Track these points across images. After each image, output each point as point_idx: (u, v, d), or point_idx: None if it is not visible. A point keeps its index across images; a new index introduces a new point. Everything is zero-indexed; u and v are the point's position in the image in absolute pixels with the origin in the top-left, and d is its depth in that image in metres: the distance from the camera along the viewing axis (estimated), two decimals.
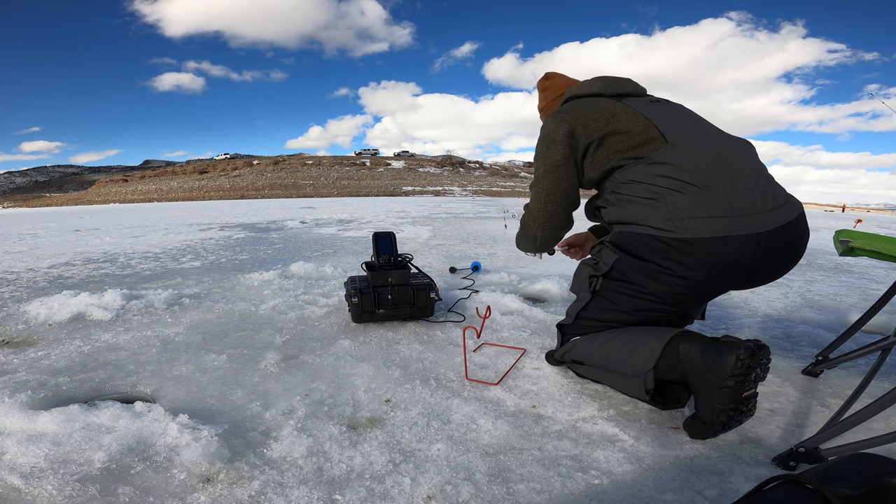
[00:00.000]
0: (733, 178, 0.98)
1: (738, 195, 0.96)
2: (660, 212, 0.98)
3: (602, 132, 1.08)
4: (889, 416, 1.01)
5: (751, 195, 0.97)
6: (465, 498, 0.77)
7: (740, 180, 0.98)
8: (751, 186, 0.98)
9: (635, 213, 1.02)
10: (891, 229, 8.37)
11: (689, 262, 0.96)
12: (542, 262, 3.12)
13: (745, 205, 0.96)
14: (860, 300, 2.22)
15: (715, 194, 0.96)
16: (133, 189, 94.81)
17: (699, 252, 0.95)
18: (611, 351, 1.07)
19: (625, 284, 1.07)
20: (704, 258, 0.95)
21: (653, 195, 1.00)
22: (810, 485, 0.43)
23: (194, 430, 0.92)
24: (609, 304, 1.10)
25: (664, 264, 0.98)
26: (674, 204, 0.97)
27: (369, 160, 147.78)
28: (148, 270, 2.89)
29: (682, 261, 0.96)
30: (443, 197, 38.92)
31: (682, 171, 0.98)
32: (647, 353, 0.98)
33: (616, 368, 1.05)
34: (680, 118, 1.10)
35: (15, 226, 7.86)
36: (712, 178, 0.97)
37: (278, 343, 1.50)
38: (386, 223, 6.74)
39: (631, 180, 1.04)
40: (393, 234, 1.78)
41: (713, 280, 0.99)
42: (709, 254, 0.94)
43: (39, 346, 1.47)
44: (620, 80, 1.20)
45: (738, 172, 0.99)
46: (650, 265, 1.01)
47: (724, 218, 0.94)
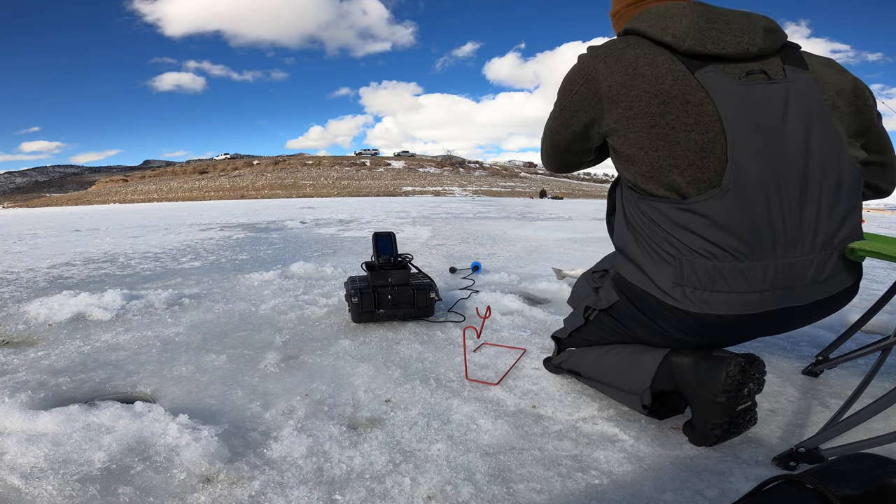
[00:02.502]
0: (795, 237, 0.77)
1: (787, 264, 0.77)
2: (670, 272, 0.82)
3: (632, 128, 0.80)
4: (889, 416, 1.01)
5: (806, 263, 0.78)
6: (465, 498, 0.77)
7: (801, 241, 0.77)
8: (808, 250, 0.78)
9: (643, 262, 0.86)
10: (891, 229, 8.36)
11: (690, 332, 0.86)
12: (542, 262, 3.12)
13: (790, 276, 0.78)
14: (860, 300, 2.21)
15: (753, 264, 0.76)
16: (133, 189, 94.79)
17: (704, 326, 0.82)
18: (605, 366, 1.03)
19: (620, 325, 0.99)
20: (710, 333, 0.84)
21: (671, 251, 0.81)
22: (810, 485, 0.43)
23: (194, 430, 0.92)
24: (602, 334, 1.05)
25: (664, 327, 0.88)
26: (690, 269, 0.79)
27: (369, 160, 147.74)
28: (148, 270, 2.89)
29: (683, 329, 0.86)
30: (443, 197, 38.94)
31: (722, 231, 0.76)
32: (642, 371, 0.95)
33: (612, 383, 1.02)
34: (773, 120, 0.76)
35: (15, 226, 7.86)
36: (763, 241, 0.76)
37: (278, 343, 1.50)
38: (386, 223, 6.74)
39: (651, 218, 0.83)
40: (393, 234, 1.78)
41: (719, 345, 0.91)
42: (716, 329, 0.83)
43: (39, 346, 1.47)
44: (722, 20, 0.79)
45: (804, 229, 0.77)
46: (649, 321, 0.90)
47: (748, 294, 0.77)
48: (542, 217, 8.61)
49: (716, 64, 0.77)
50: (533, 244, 4.22)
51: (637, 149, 0.81)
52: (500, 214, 9.25)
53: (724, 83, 0.76)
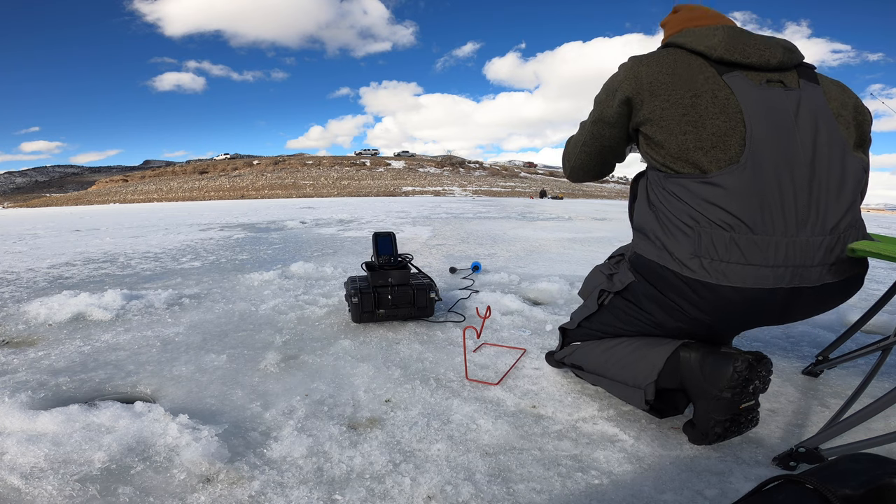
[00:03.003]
0: (805, 217, 0.82)
1: (799, 242, 0.82)
2: (688, 244, 0.86)
3: (665, 117, 0.88)
4: (889, 416, 1.01)
5: (816, 243, 0.82)
6: (465, 498, 0.77)
7: (811, 222, 0.83)
8: (818, 232, 0.83)
9: (661, 235, 0.90)
10: (891, 229, 8.36)
11: (706, 308, 0.88)
12: (542, 262, 3.12)
13: (801, 254, 0.82)
14: (860, 300, 2.21)
15: (767, 238, 0.81)
16: (133, 189, 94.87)
17: (719, 300, 0.85)
18: (610, 360, 1.05)
19: (635, 308, 1.01)
20: (725, 307, 0.86)
21: (690, 223, 0.85)
22: (810, 485, 0.43)
23: (194, 430, 0.92)
24: (615, 320, 1.06)
25: (679, 303, 0.90)
26: (708, 240, 0.84)
27: (369, 160, 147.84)
28: (148, 270, 2.89)
29: (699, 305, 0.88)
30: (443, 197, 38.94)
31: (739, 201, 0.82)
32: (648, 365, 0.96)
33: (615, 377, 1.03)
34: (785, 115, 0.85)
35: (15, 226, 7.86)
36: (775, 217, 0.82)
37: (278, 343, 1.50)
38: (386, 223, 6.75)
39: (674, 193, 0.88)
40: (393, 234, 1.78)
41: (731, 327, 0.94)
42: (730, 303, 0.85)
43: (39, 346, 1.47)
44: (748, 38, 0.90)
45: (813, 211, 0.83)
46: (665, 298, 0.92)
47: (763, 267, 0.81)
48: (542, 217, 8.61)
49: (741, 70, 0.88)
50: (533, 244, 4.22)
51: (668, 134, 0.89)
52: (500, 214, 9.25)
53: (746, 85, 0.87)
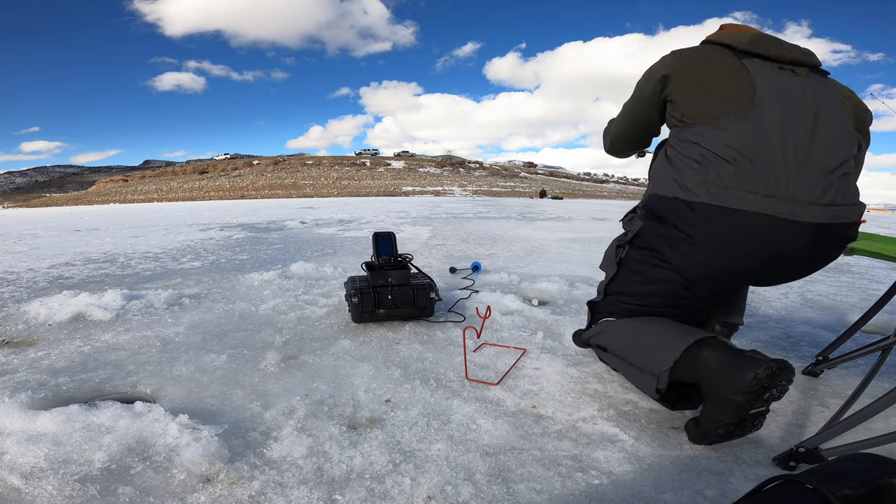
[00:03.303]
0: (802, 162, 0.88)
1: (796, 179, 0.87)
2: (696, 175, 0.92)
3: (691, 83, 1.00)
4: (889, 416, 1.01)
5: (812, 183, 0.88)
6: (465, 498, 0.77)
7: (809, 166, 0.88)
8: (815, 176, 0.88)
9: (673, 173, 0.97)
10: (891, 229, 8.36)
11: (709, 232, 0.92)
12: (542, 262, 3.12)
13: (798, 190, 0.87)
14: (860, 300, 2.22)
15: (767, 172, 0.88)
16: (133, 189, 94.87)
17: (722, 223, 0.90)
18: (632, 344, 1.06)
19: (647, 253, 1.07)
20: (726, 231, 0.90)
21: (700, 159, 0.93)
22: (810, 485, 0.43)
23: (194, 430, 0.92)
24: (633, 276, 1.11)
25: (684, 230, 0.95)
26: (714, 171, 0.90)
27: (369, 160, 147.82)
28: (148, 270, 2.89)
29: (703, 229, 0.92)
30: (443, 197, 38.94)
31: (745, 141, 0.89)
32: (667, 353, 0.96)
33: (633, 362, 1.04)
34: (792, 89, 0.94)
35: (15, 226, 7.86)
36: (775, 157, 0.88)
37: (278, 343, 1.50)
38: (386, 223, 6.75)
39: (689, 140, 0.96)
40: (393, 234, 1.78)
41: (729, 258, 0.93)
42: (731, 227, 0.89)
43: (39, 346, 1.47)
44: (771, 39, 1.02)
45: (811, 159, 0.89)
46: (671, 230, 0.98)
47: (764, 196, 0.87)
48: (542, 217, 8.61)
49: (759, 59, 0.99)
50: (533, 244, 4.22)
51: (689, 98, 1.00)
52: (500, 214, 9.25)
53: (760, 66, 0.98)
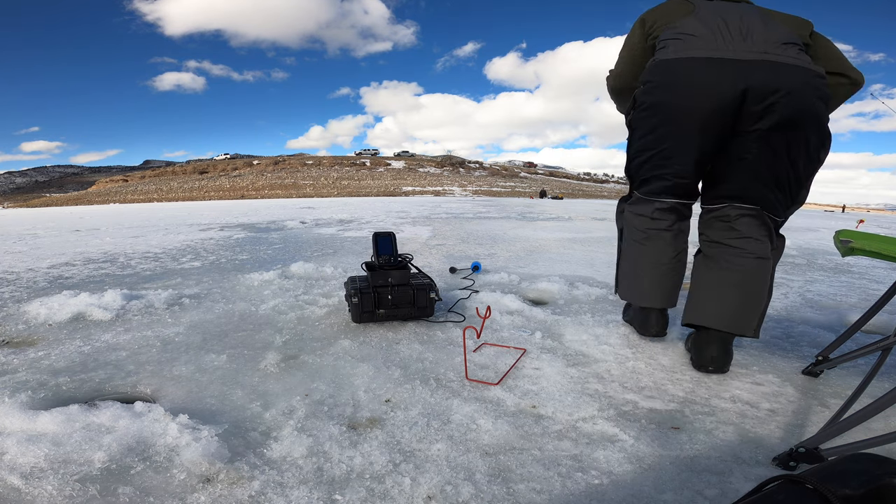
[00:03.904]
0: (738, 36, 1.18)
1: (735, 43, 1.17)
2: (664, 52, 1.27)
3: (660, 17, 1.36)
4: (889, 416, 1.01)
5: (748, 43, 1.16)
6: (465, 498, 0.77)
7: (745, 39, 1.17)
8: (750, 42, 1.17)
9: (657, 56, 1.30)
10: (891, 229, 8.36)
11: (672, 73, 1.23)
12: (542, 262, 3.12)
13: (738, 49, 1.16)
14: (860, 300, 2.22)
15: (709, 40, 1.20)
16: (133, 189, 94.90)
17: (678, 66, 1.22)
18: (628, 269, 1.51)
19: (642, 108, 1.32)
20: (675, 70, 1.23)
21: (665, 44, 1.28)
22: (810, 485, 0.43)
23: (194, 430, 0.92)
24: (638, 131, 1.36)
25: (657, 78, 1.26)
26: (674, 47, 1.25)
27: (369, 160, 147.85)
28: (148, 270, 2.89)
29: (668, 73, 1.24)
30: (443, 197, 38.94)
31: (691, 28, 1.25)
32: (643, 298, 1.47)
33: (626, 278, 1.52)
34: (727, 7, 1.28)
35: (15, 226, 7.86)
36: (715, 34, 1.21)
37: (278, 343, 1.50)
38: (386, 223, 6.75)
39: (660, 39, 1.31)
40: (393, 234, 1.78)
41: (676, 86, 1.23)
42: (684, 67, 1.21)
43: (39, 346, 1.47)
44: None
45: (746, 36, 1.18)
46: (650, 84, 1.28)
47: (711, 49, 1.19)
48: (542, 217, 8.61)
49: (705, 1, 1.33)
50: (533, 244, 4.22)
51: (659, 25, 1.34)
52: (500, 214, 9.25)
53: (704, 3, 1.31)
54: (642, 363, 1.36)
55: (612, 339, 1.56)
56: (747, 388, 1.20)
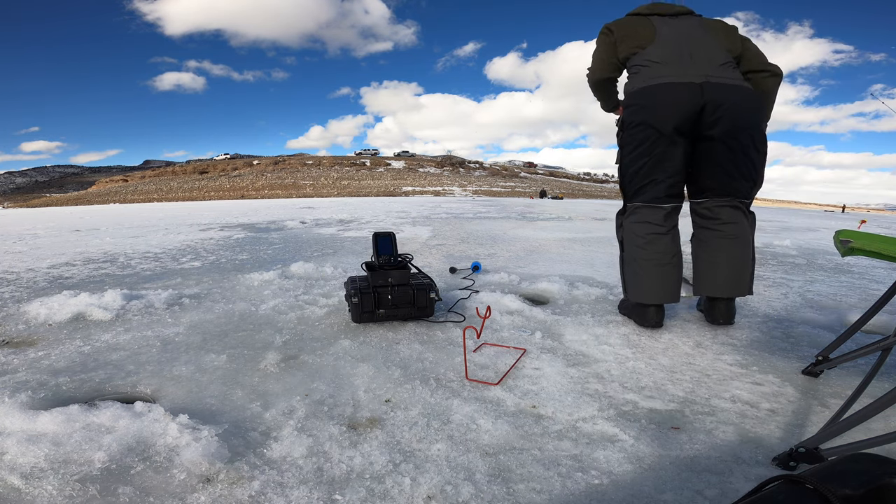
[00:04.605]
0: (689, 61, 1.53)
1: (687, 68, 1.52)
2: (638, 79, 1.59)
3: (624, 31, 1.66)
4: (889, 416, 1.01)
5: (695, 70, 1.51)
6: (465, 498, 0.77)
7: (695, 63, 1.52)
8: (699, 66, 1.52)
9: (632, 83, 1.62)
10: (891, 229, 8.36)
11: (649, 97, 1.53)
12: (542, 262, 3.12)
13: (689, 74, 1.50)
14: (860, 300, 2.22)
15: (669, 67, 1.53)
16: (133, 189, 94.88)
17: (653, 91, 1.53)
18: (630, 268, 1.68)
19: (630, 127, 1.58)
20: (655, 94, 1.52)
21: (637, 70, 1.61)
22: (810, 485, 0.43)
23: (194, 430, 0.92)
24: (628, 147, 1.60)
25: (640, 101, 1.56)
26: (646, 72, 1.57)
27: (369, 160, 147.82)
28: (148, 270, 2.89)
29: (646, 97, 1.54)
30: (443, 197, 38.93)
31: (655, 56, 1.57)
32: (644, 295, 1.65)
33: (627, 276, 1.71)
34: (679, 28, 1.62)
35: (15, 226, 7.86)
36: (672, 60, 1.54)
37: (278, 343, 1.50)
38: (386, 223, 6.75)
39: (631, 65, 1.64)
40: (393, 234, 1.78)
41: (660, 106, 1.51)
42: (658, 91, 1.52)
43: (39, 346, 1.47)
44: (661, 5, 1.71)
45: (696, 60, 1.53)
46: (634, 107, 1.57)
47: (674, 74, 1.52)
48: (542, 217, 8.61)
49: (656, 16, 1.67)
50: (533, 244, 4.22)
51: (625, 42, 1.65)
52: (500, 214, 9.25)
53: (660, 20, 1.65)
54: (642, 363, 1.36)
55: (612, 339, 1.56)
56: (747, 388, 1.20)
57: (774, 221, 9.35)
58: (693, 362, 1.37)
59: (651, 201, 1.62)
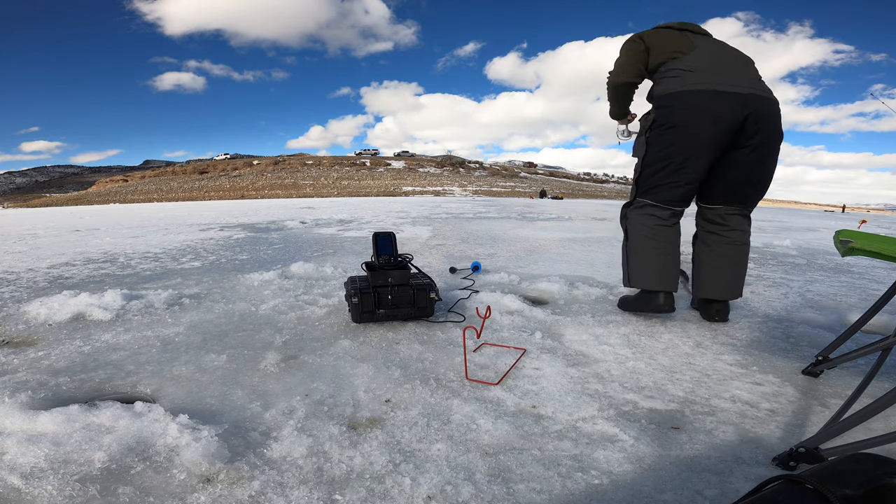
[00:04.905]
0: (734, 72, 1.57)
1: (732, 79, 1.53)
2: (678, 83, 1.58)
3: (657, 42, 1.68)
4: (889, 416, 1.01)
5: (743, 81, 1.54)
6: (465, 498, 0.77)
7: (741, 74, 1.56)
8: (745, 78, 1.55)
9: (664, 88, 1.62)
10: (891, 229, 8.36)
11: (687, 102, 1.54)
12: (542, 262, 3.13)
13: (735, 84, 1.52)
14: (860, 300, 2.22)
15: (713, 74, 1.54)
16: (133, 189, 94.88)
17: (691, 97, 1.54)
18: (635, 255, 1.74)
19: (661, 128, 1.60)
20: (695, 100, 1.53)
21: (677, 74, 1.59)
22: (810, 485, 0.43)
23: (194, 430, 0.92)
24: (656, 146, 1.63)
25: (676, 104, 1.56)
26: (684, 77, 1.57)
27: (369, 160, 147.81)
28: (148, 270, 2.89)
29: (684, 102, 1.55)
30: (443, 197, 38.92)
31: (695, 62, 1.58)
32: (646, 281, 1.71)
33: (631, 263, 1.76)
34: (714, 42, 1.68)
35: (15, 226, 7.86)
36: (719, 70, 1.56)
37: (278, 343, 1.50)
38: (386, 223, 6.75)
39: (670, 69, 1.62)
40: (393, 234, 1.78)
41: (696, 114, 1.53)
42: (695, 97, 1.53)
43: (39, 346, 1.47)
44: (689, 24, 1.76)
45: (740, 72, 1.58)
46: (670, 108, 1.58)
47: (716, 83, 1.52)
48: (542, 217, 8.61)
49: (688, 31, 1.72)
50: (533, 244, 4.22)
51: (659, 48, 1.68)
52: (500, 214, 9.25)
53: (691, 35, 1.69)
54: (642, 363, 1.36)
55: (612, 339, 1.56)
56: (747, 388, 1.20)
57: (774, 221, 9.35)
58: (693, 362, 1.37)
59: (663, 202, 1.68)
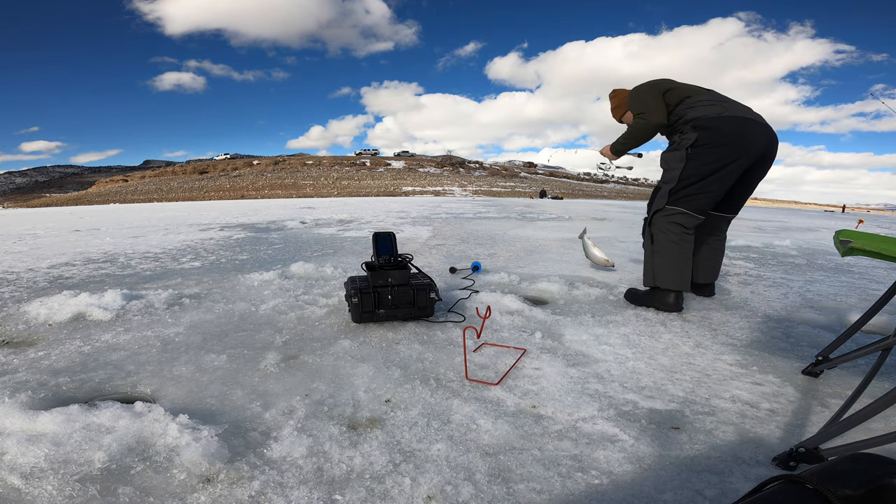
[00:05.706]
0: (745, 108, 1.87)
1: (747, 112, 1.84)
2: (717, 108, 1.84)
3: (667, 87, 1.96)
4: (889, 416, 1.01)
5: (754, 114, 1.85)
6: (465, 498, 0.77)
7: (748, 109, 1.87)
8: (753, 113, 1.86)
9: (706, 111, 1.85)
10: (891, 229, 8.36)
11: (729, 125, 1.80)
12: (542, 262, 3.13)
13: (756, 116, 1.84)
14: (860, 300, 2.22)
15: (735, 108, 1.85)
16: (133, 189, 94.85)
17: (734, 122, 1.80)
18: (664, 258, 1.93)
19: (706, 146, 1.81)
20: (736, 125, 1.80)
21: (714, 102, 1.87)
22: (810, 485, 0.43)
23: (194, 430, 0.92)
24: (697, 161, 1.83)
25: (722, 126, 1.80)
26: (721, 105, 1.85)
27: (369, 160, 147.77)
28: (148, 270, 2.90)
29: (727, 126, 1.80)
30: (443, 197, 38.92)
31: (715, 97, 1.90)
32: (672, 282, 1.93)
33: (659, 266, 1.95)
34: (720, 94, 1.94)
35: (15, 226, 7.86)
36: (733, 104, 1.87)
37: (278, 343, 1.50)
38: (386, 223, 6.75)
39: (698, 101, 1.89)
40: (393, 234, 1.78)
41: (741, 137, 1.78)
42: (737, 122, 1.80)
43: (39, 346, 1.47)
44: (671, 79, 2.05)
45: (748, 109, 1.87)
46: (715, 130, 1.80)
47: (746, 112, 1.84)
48: (542, 217, 8.61)
49: None
50: (533, 244, 4.22)
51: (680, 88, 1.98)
52: (500, 214, 9.25)
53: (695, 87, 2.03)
54: (642, 363, 1.36)
55: (611, 339, 1.56)
56: (747, 388, 1.20)
57: (774, 221, 9.35)
58: (693, 362, 1.37)
59: (694, 210, 1.88)
